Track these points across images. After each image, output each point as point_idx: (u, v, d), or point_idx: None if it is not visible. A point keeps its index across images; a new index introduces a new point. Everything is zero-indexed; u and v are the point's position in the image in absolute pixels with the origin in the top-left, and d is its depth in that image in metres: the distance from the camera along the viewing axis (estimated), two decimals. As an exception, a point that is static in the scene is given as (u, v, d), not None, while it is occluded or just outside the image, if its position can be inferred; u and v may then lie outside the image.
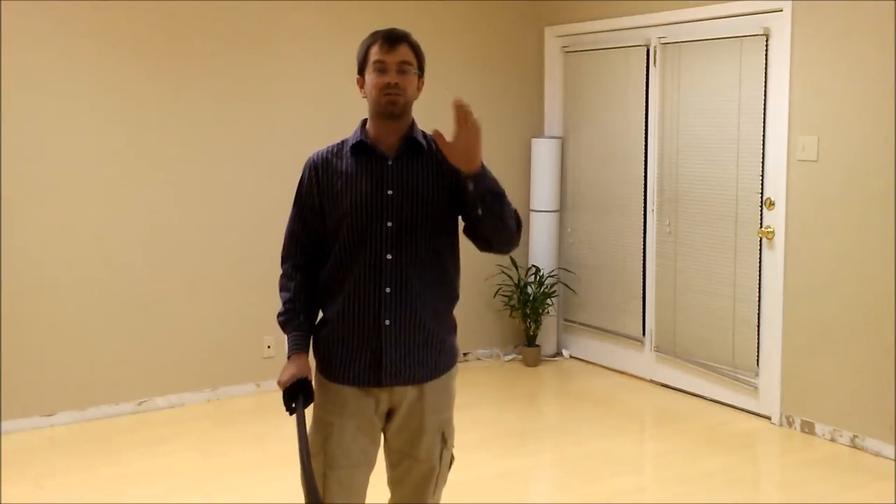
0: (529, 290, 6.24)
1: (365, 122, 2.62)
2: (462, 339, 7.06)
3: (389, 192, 2.52)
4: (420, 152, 2.57)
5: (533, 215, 6.38)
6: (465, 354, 6.34)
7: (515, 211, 2.55)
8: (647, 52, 5.73)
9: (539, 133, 6.48)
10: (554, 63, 6.44)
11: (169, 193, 5.28)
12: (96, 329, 5.12)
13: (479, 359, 6.38)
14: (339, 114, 5.56)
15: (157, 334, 5.29)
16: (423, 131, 2.63)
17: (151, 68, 5.18)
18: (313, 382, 2.64)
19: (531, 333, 6.26)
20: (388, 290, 2.52)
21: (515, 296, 6.24)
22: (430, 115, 6.38)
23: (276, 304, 2.70)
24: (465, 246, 2.65)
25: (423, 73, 2.58)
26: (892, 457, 4.49)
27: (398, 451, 2.63)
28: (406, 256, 2.52)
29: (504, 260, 6.27)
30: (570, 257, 6.41)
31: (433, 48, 6.06)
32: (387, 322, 2.53)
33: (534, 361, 6.27)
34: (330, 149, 2.63)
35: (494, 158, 6.31)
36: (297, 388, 2.57)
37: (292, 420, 2.64)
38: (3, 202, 4.85)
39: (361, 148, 2.56)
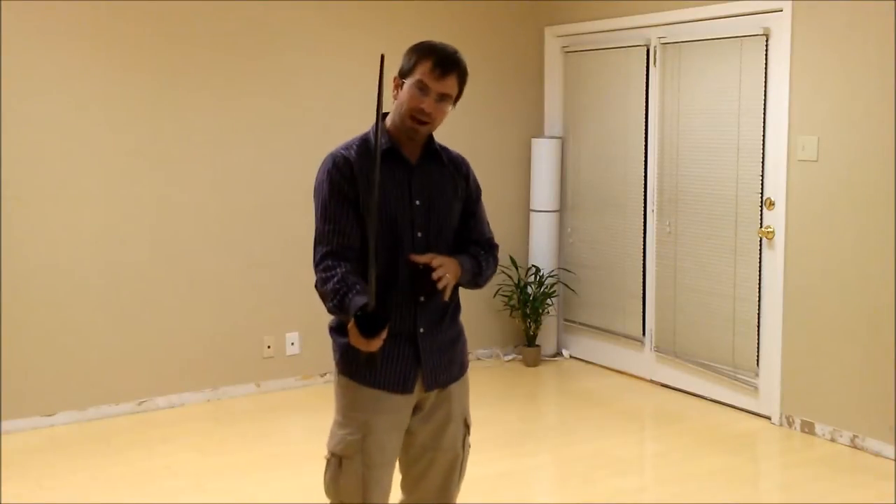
0: (529, 290, 6.24)
1: (385, 115, 2.55)
2: (462, 340, 6.95)
3: (417, 202, 2.53)
4: (437, 162, 2.60)
5: (533, 215, 6.38)
6: (465, 354, 6.33)
7: (495, 262, 2.73)
8: (647, 52, 5.73)
9: (539, 133, 6.48)
10: (554, 63, 6.44)
11: (169, 193, 5.28)
12: (96, 329, 5.12)
13: (479, 359, 6.37)
14: (340, 115, 5.58)
15: (157, 334, 5.29)
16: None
17: (153, 68, 5.17)
18: (337, 385, 2.61)
19: (531, 333, 6.26)
20: (422, 298, 2.53)
21: (515, 296, 6.24)
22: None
23: (276, 304, 2.61)
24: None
25: (457, 102, 2.57)
26: (892, 457, 4.49)
27: (421, 444, 2.63)
28: None
29: (504, 260, 6.27)
30: (570, 257, 6.41)
31: (433, 48, 6.09)
32: (421, 329, 2.55)
33: (534, 361, 6.27)
34: (357, 148, 2.52)
35: (494, 158, 6.41)
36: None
37: (292, 420, 2.62)
38: (3, 202, 4.85)
39: (389, 154, 2.51)
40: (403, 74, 2.51)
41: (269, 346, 5.60)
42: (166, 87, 5.22)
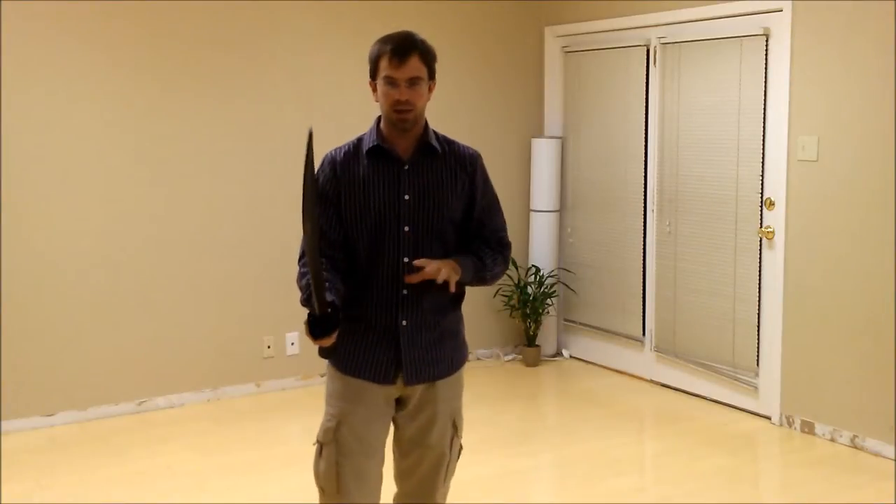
0: (529, 290, 6.24)
1: (379, 119, 2.63)
2: (462, 340, 6.95)
3: (406, 197, 2.56)
4: (434, 156, 2.61)
5: (533, 215, 6.38)
6: (465, 354, 6.33)
7: (504, 260, 2.73)
8: (647, 52, 5.73)
9: (539, 133, 6.48)
10: (554, 63, 6.44)
11: (169, 194, 5.28)
12: (96, 329, 5.12)
13: (479, 359, 6.37)
14: (339, 115, 5.57)
15: (157, 334, 5.29)
16: (435, 132, 2.66)
17: (153, 68, 5.17)
18: (327, 373, 2.69)
19: (531, 333, 6.26)
20: (404, 291, 2.56)
21: (515, 296, 6.24)
22: (434, 114, 6.34)
23: (276, 304, 2.65)
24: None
25: (434, 76, 2.59)
26: (892, 457, 4.49)
27: (409, 439, 2.66)
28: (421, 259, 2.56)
29: (504, 260, 6.27)
30: (570, 257, 6.41)
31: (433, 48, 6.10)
32: (403, 322, 2.58)
33: (534, 361, 6.27)
34: (347, 149, 2.63)
35: (494, 158, 6.38)
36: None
37: (292, 420, 2.63)
38: (4, 202, 4.85)
39: (377, 151, 2.58)
40: (373, 76, 2.58)
41: (269, 346, 5.60)
42: (167, 87, 5.22)
